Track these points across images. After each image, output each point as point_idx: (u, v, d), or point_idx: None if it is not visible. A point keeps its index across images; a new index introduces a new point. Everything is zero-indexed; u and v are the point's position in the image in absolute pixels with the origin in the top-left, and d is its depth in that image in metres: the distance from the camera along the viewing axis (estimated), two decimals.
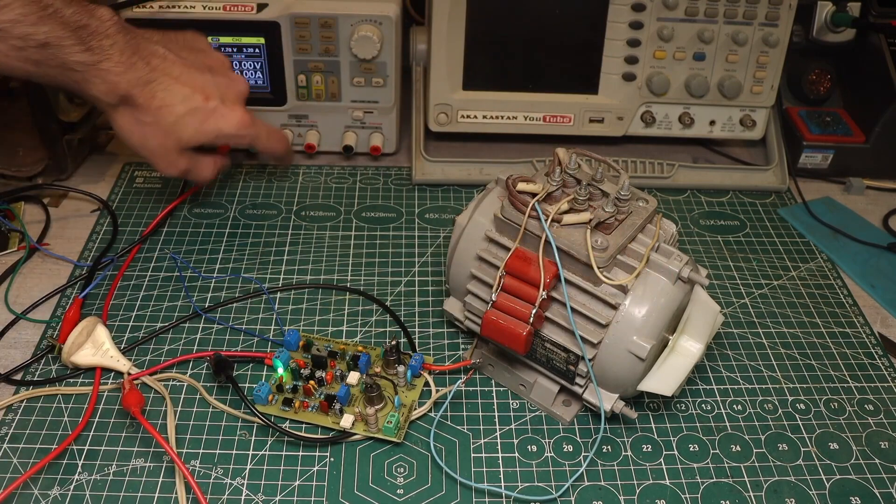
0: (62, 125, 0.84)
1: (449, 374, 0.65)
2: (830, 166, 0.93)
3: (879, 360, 0.69)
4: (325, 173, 0.90)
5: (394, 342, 0.63)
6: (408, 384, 0.63)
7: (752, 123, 0.90)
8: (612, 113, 0.89)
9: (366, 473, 0.57)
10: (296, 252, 0.78)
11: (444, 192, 0.88)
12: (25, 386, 0.63)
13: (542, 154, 0.89)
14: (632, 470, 0.59)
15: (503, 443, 0.60)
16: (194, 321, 0.69)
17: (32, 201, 0.83)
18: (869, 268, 0.80)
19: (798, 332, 0.72)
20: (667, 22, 0.84)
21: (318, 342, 0.66)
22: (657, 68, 0.87)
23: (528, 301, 0.56)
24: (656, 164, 0.90)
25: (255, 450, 0.59)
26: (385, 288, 0.74)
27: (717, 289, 0.76)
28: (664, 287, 0.56)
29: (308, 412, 0.61)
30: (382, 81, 0.86)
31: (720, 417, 0.63)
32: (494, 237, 0.59)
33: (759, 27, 0.85)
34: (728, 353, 0.69)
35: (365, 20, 0.82)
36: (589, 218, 0.56)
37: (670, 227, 0.60)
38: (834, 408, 0.65)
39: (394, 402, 0.61)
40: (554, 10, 0.84)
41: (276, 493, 0.56)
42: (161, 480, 0.56)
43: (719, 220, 0.86)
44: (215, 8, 0.81)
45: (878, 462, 0.60)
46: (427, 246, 0.80)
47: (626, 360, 0.56)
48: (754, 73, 0.87)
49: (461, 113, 0.88)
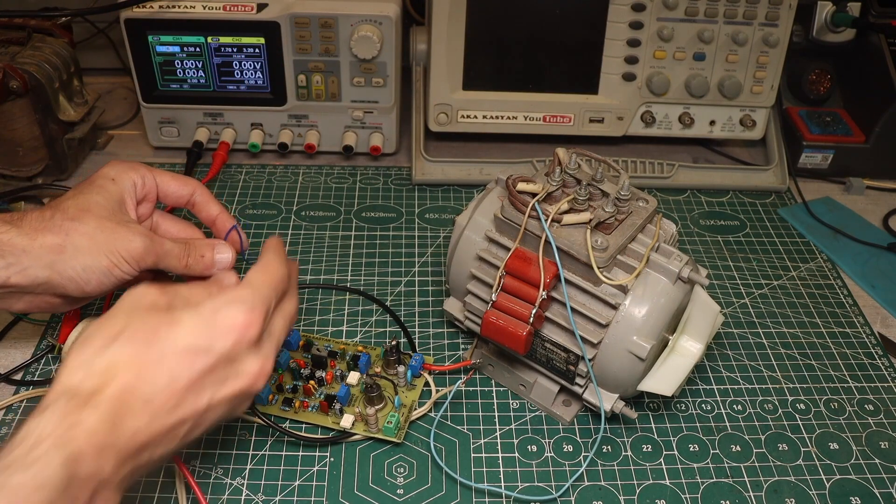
0: (62, 125, 0.84)
1: (449, 375, 0.65)
2: (830, 166, 0.93)
3: (879, 360, 0.69)
4: (325, 173, 0.90)
5: (394, 342, 0.63)
6: (408, 384, 0.63)
7: (752, 123, 0.90)
8: (612, 113, 0.89)
9: (366, 473, 0.57)
10: (296, 252, 0.78)
11: (444, 192, 0.88)
12: (25, 386, 0.63)
13: (542, 154, 0.89)
14: (632, 470, 0.59)
15: (503, 443, 0.60)
16: None
17: (32, 201, 0.83)
18: (869, 268, 0.80)
19: (798, 332, 0.72)
20: (667, 22, 0.84)
21: (318, 342, 0.66)
22: (657, 68, 0.87)
23: (528, 301, 0.56)
24: (656, 164, 0.90)
25: (255, 450, 0.59)
26: (385, 288, 0.74)
27: (717, 289, 0.76)
28: (664, 287, 0.56)
29: (308, 412, 0.60)
30: (382, 81, 0.86)
31: (720, 417, 0.63)
32: (494, 237, 0.59)
33: (759, 27, 0.85)
34: (728, 353, 0.69)
35: (365, 20, 0.82)
36: (589, 218, 0.56)
37: (670, 227, 0.60)
38: (834, 408, 0.65)
39: (394, 402, 0.61)
40: (554, 10, 0.84)
41: (276, 493, 0.56)
42: (161, 480, 0.56)
43: (719, 220, 0.86)
44: (215, 8, 0.81)
45: (878, 462, 0.60)
46: (427, 246, 0.80)
47: (626, 360, 0.56)
48: (754, 73, 0.87)
49: (461, 113, 0.88)
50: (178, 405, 0.45)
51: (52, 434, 0.40)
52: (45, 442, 0.40)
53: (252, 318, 0.48)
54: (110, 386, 0.43)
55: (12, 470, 0.38)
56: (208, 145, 0.89)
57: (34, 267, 0.53)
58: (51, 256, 0.53)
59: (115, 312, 0.47)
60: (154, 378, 0.44)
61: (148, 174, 0.60)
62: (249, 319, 0.48)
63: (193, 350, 0.46)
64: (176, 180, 0.62)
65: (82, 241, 0.53)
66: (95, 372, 0.44)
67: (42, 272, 0.53)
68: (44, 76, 0.80)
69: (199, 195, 0.62)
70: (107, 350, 0.44)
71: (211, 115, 0.88)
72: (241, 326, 0.47)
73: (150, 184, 0.60)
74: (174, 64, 0.84)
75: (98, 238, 0.54)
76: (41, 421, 0.41)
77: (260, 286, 0.50)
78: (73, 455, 0.40)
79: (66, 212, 0.54)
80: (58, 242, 0.53)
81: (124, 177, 0.58)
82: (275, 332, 0.52)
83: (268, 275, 0.52)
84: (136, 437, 0.43)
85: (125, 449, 0.43)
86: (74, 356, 0.44)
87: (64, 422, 0.41)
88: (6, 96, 0.78)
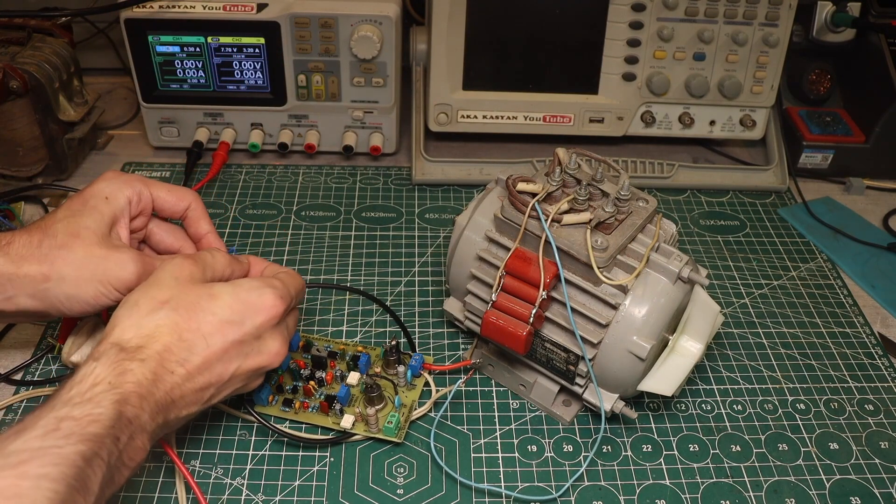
0: (62, 125, 0.84)
1: (449, 374, 0.65)
2: (830, 166, 0.93)
3: (879, 360, 0.69)
4: (325, 173, 0.90)
5: (394, 342, 0.63)
6: (408, 384, 0.63)
7: (752, 123, 0.90)
8: (612, 113, 0.89)
9: (366, 473, 0.57)
10: (296, 252, 0.78)
11: (444, 192, 0.88)
12: (25, 386, 0.63)
13: (542, 154, 0.89)
14: (632, 470, 0.59)
15: (503, 443, 0.60)
16: None
17: (32, 201, 0.83)
18: (869, 268, 0.80)
19: (798, 332, 0.72)
20: (667, 22, 0.84)
21: (318, 342, 0.66)
22: (657, 68, 0.87)
23: (528, 301, 0.56)
24: (656, 164, 0.90)
25: (255, 450, 0.59)
26: (385, 288, 0.74)
27: (717, 289, 0.76)
28: (664, 287, 0.56)
29: (308, 413, 0.60)
30: (382, 81, 0.86)
31: (720, 417, 0.63)
32: (494, 237, 0.59)
33: (759, 27, 0.85)
34: (728, 353, 0.69)
35: (365, 20, 0.82)
36: (589, 218, 0.56)
37: (670, 227, 0.60)
38: (834, 408, 0.65)
39: (394, 403, 0.61)
40: (554, 10, 0.84)
41: (276, 493, 0.56)
42: (161, 480, 0.56)
43: (719, 220, 0.86)
44: (215, 8, 0.81)
45: (878, 462, 0.60)
46: (427, 246, 0.80)
47: (626, 360, 0.56)
48: (754, 73, 0.87)
49: (461, 113, 0.88)
50: (208, 368, 0.50)
51: (106, 378, 0.46)
52: (100, 384, 0.45)
53: (280, 303, 0.53)
54: (155, 344, 0.48)
55: (73, 403, 0.44)
56: (208, 145, 0.89)
57: (19, 296, 0.54)
58: (35, 286, 0.54)
59: (159, 281, 0.52)
60: (192, 342, 0.50)
61: (144, 189, 0.60)
62: (277, 304, 0.53)
63: (228, 322, 0.51)
64: (172, 193, 0.62)
65: (68, 271, 0.54)
66: (143, 332, 0.49)
67: (26, 301, 0.54)
68: (44, 76, 0.80)
69: (193, 210, 0.63)
70: (155, 314, 0.50)
71: (211, 115, 0.88)
72: (270, 307, 0.53)
73: (145, 199, 0.60)
74: (174, 64, 0.84)
75: (86, 268, 0.54)
76: (97, 367, 0.46)
77: (288, 283, 0.56)
78: (122, 397, 0.45)
79: (55, 237, 0.54)
80: (43, 272, 0.54)
81: (119, 195, 0.58)
82: (290, 327, 0.57)
83: (294, 279, 0.58)
84: (172, 392, 0.48)
85: (161, 401, 0.48)
86: (125, 316, 0.50)
87: (116, 368, 0.46)
88: (6, 96, 0.78)
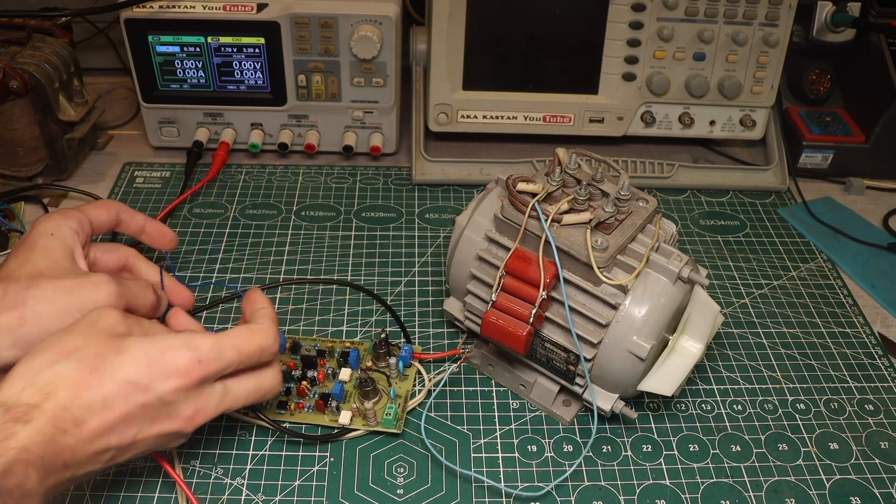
0: (62, 125, 0.84)
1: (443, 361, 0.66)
2: (830, 166, 0.93)
3: (879, 360, 0.69)
4: (325, 173, 0.90)
5: (382, 335, 0.63)
6: (400, 374, 0.63)
7: (752, 123, 0.90)
8: (612, 113, 0.89)
9: (366, 473, 0.57)
10: (296, 252, 0.78)
11: (444, 192, 0.88)
12: None
13: (542, 154, 0.89)
14: (632, 470, 0.59)
15: (503, 443, 0.60)
16: None
17: (32, 201, 0.83)
18: (869, 268, 0.80)
19: (798, 332, 0.72)
20: (667, 22, 0.84)
21: (305, 342, 0.66)
22: (657, 68, 0.87)
23: (527, 301, 0.56)
24: (656, 164, 0.90)
25: (255, 450, 0.59)
26: (385, 288, 0.74)
27: (717, 289, 0.76)
28: (664, 287, 0.56)
29: (305, 413, 0.60)
30: (382, 81, 0.86)
31: (720, 417, 0.63)
32: (494, 237, 0.59)
33: (759, 27, 0.85)
34: (728, 353, 0.69)
35: (365, 20, 0.82)
36: (589, 218, 0.56)
37: (670, 227, 0.60)
38: (834, 408, 0.65)
39: (389, 394, 0.61)
40: (554, 10, 0.84)
41: (276, 493, 0.56)
42: (161, 480, 0.56)
43: (719, 220, 0.86)
44: (215, 8, 0.81)
45: (878, 462, 0.60)
46: (427, 246, 0.80)
47: (626, 360, 0.56)
48: (754, 73, 0.87)
49: (461, 113, 0.88)
50: (106, 433, 0.45)
51: None
52: None
53: (197, 369, 0.48)
54: (48, 402, 0.44)
55: None
56: (208, 145, 0.89)
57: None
58: (13, 335, 0.51)
59: (72, 329, 0.48)
60: (90, 402, 0.45)
61: (81, 216, 0.59)
62: (193, 369, 0.47)
63: (133, 384, 0.46)
64: (99, 207, 0.61)
65: (43, 307, 0.52)
66: (37, 386, 0.44)
67: (7, 353, 0.51)
68: (44, 76, 0.80)
69: (122, 211, 0.62)
70: (54, 366, 0.45)
71: (211, 115, 0.88)
72: (184, 373, 0.47)
73: (85, 225, 0.59)
74: (174, 64, 0.84)
75: (61, 300, 0.52)
76: None
77: (227, 346, 0.49)
78: (4, 468, 0.40)
79: (18, 282, 0.53)
80: (17, 317, 0.51)
81: (63, 227, 0.57)
82: (231, 395, 0.51)
83: (245, 343, 0.50)
84: (63, 454, 0.44)
85: (51, 465, 0.43)
86: (22, 367, 0.45)
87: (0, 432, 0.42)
88: (6, 96, 0.78)
